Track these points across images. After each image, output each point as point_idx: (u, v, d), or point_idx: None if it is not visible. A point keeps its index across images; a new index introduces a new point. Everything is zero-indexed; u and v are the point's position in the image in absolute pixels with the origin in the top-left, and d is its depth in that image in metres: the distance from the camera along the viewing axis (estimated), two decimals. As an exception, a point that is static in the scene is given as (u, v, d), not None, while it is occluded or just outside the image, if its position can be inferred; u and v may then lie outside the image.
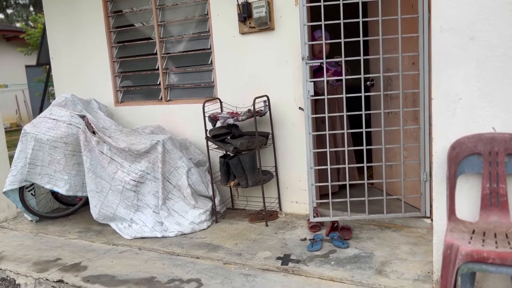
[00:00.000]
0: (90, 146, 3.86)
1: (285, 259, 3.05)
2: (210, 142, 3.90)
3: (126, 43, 4.68)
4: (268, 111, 3.84)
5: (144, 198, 3.83)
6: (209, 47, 4.18)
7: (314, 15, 3.61)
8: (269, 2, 3.71)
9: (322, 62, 3.36)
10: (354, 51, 3.39)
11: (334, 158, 4.16)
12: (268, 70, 3.87)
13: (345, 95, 3.27)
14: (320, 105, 3.78)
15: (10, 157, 4.37)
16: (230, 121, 3.71)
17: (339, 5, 3.12)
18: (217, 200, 4.00)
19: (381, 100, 3.24)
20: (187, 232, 3.69)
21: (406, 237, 3.27)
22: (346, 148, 3.33)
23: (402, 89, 3.21)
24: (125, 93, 4.81)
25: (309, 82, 3.28)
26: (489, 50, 2.22)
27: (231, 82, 4.08)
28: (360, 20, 3.12)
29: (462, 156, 2.31)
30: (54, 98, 4.45)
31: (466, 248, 2.02)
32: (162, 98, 4.52)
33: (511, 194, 2.29)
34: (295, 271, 2.87)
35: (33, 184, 4.23)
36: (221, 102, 4.06)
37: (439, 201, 2.40)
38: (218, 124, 3.90)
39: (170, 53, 4.43)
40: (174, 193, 3.84)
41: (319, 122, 3.89)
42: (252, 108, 3.64)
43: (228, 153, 3.92)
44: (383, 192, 3.37)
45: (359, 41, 3.13)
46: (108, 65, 4.71)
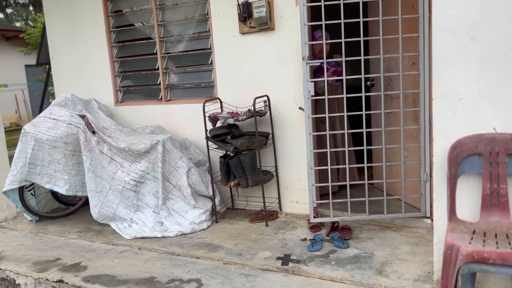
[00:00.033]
0: (90, 146, 3.85)
1: (285, 259, 3.04)
2: (210, 142, 3.90)
3: (126, 43, 4.68)
4: (268, 111, 3.83)
5: (144, 198, 3.83)
6: (209, 47, 4.18)
7: (315, 15, 3.60)
8: (269, 2, 3.71)
9: (322, 62, 3.36)
10: (354, 51, 3.39)
11: (334, 158, 4.16)
12: (268, 70, 3.87)
13: (345, 96, 3.28)
14: (320, 105, 3.78)
15: (10, 157, 4.37)
16: (230, 121, 3.70)
17: (340, 5, 3.12)
18: (217, 200, 3.99)
19: (381, 100, 3.24)
20: (187, 232, 3.69)
21: (406, 237, 3.27)
22: (346, 148, 3.33)
23: (402, 89, 3.21)
24: (125, 93, 4.80)
25: (309, 82, 3.28)
26: (489, 50, 2.22)
27: (231, 82, 4.08)
28: (360, 20, 3.12)
29: (462, 156, 2.31)
30: (54, 98, 4.45)
31: (466, 248, 2.02)
32: (162, 98, 4.52)
33: (512, 194, 2.29)
34: (295, 271, 2.87)
35: (33, 183, 4.22)
36: (221, 102, 4.06)
37: (440, 201, 2.40)
38: (218, 124, 3.90)
39: (170, 53, 4.43)
40: (174, 193, 3.84)
41: (319, 122, 3.89)
42: (252, 108, 3.64)
43: (228, 152, 3.91)
44: (383, 192, 3.37)
45: (360, 41, 3.13)
46: (108, 65, 4.71)
